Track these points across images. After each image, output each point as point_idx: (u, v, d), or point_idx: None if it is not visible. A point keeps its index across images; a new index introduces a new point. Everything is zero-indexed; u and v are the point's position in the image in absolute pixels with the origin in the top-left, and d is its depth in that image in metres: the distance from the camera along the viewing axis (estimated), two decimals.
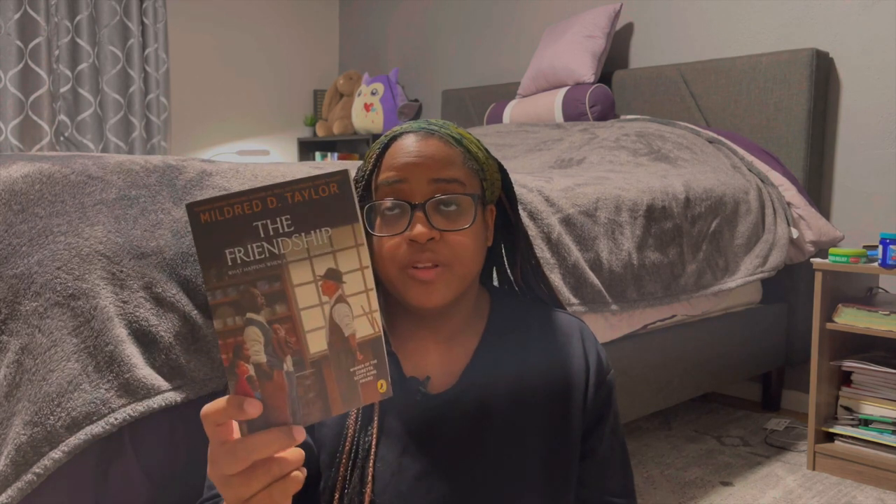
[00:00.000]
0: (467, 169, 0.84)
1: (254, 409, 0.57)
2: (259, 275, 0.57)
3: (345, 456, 0.80)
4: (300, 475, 0.60)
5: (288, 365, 0.58)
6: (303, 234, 0.58)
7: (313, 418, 0.59)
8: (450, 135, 0.84)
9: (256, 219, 0.57)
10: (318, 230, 0.58)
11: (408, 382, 0.85)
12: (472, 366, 0.86)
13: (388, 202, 0.81)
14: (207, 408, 0.58)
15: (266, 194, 0.57)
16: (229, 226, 0.57)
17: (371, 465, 0.80)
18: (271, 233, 0.58)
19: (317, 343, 0.58)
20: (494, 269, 0.98)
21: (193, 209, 0.56)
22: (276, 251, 0.58)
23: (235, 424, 0.59)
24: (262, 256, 0.57)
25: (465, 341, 0.89)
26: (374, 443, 0.81)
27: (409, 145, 0.82)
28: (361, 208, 0.84)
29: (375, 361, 0.60)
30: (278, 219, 0.58)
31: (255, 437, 0.57)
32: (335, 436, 0.82)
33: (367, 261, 0.59)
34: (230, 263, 0.57)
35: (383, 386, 0.60)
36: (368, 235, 0.84)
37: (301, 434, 0.59)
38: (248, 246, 0.57)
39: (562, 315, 0.94)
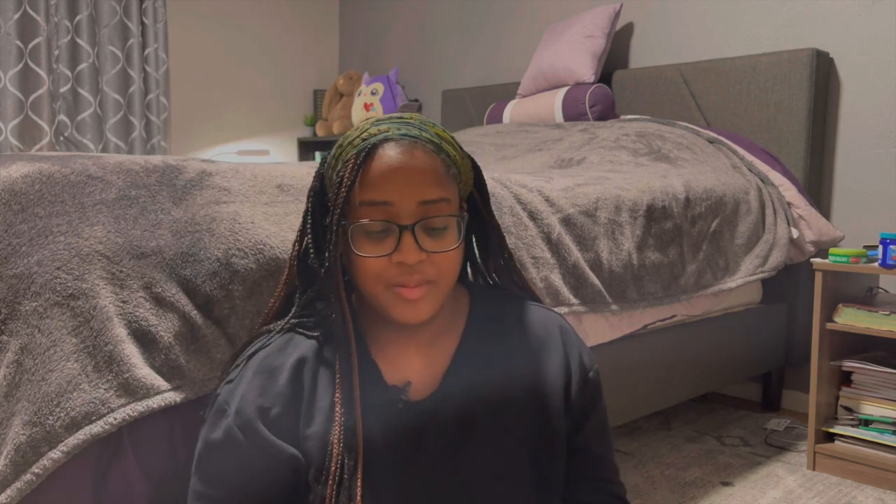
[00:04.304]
0: (449, 178, 0.82)
1: None
2: None
3: (331, 478, 0.79)
4: None
5: None
6: None
7: None
8: (430, 140, 0.82)
9: None
10: None
11: (389, 391, 0.84)
12: (452, 369, 0.86)
13: (375, 224, 0.79)
14: None
15: None
16: None
17: (359, 484, 0.79)
18: None
19: None
20: (468, 262, 0.98)
21: None
22: None
23: None
24: None
25: (445, 342, 0.88)
26: (360, 460, 0.80)
27: (393, 159, 0.79)
28: (342, 225, 0.81)
29: None
30: None
31: None
32: (319, 450, 0.81)
33: None
34: None
35: None
36: (351, 253, 0.82)
37: None
38: None
39: (541, 312, 0.93)
